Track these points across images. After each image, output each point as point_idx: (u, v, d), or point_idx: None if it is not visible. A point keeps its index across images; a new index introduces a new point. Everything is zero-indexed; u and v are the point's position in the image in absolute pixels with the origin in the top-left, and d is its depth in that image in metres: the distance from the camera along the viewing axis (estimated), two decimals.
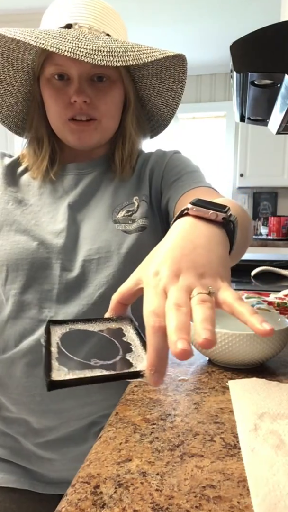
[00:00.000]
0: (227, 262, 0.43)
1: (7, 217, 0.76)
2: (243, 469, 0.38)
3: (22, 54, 0.75)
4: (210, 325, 0.33)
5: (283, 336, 0.60)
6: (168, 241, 0.43)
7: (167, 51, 0.71)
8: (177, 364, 0.63)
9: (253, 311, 0.35)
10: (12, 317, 0.75)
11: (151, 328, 0.35)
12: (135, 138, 0.82)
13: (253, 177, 3.92)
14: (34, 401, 0.73)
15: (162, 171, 0.82)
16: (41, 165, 0.80)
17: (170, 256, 0.40)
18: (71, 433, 0.75)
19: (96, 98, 0.73)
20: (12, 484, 0.77)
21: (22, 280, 0.74)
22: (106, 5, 0.76)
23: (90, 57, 0.63)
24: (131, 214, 0.77)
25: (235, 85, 0.73)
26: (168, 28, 3.38)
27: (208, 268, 0.40)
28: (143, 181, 0.82)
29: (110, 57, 0.64)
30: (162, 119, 0.88)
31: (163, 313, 0.35)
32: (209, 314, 0.34)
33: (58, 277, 0.73)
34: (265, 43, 0.62)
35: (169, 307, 0.35)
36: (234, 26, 3.29)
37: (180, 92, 0.82)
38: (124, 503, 0.33)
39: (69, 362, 0.38)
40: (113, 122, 0.78)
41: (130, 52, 0.67)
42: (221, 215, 0.45)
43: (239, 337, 0.58)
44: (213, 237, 0.44)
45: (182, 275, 0.38)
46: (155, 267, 0.40)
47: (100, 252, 0.73)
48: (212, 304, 0.36)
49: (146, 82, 0.81)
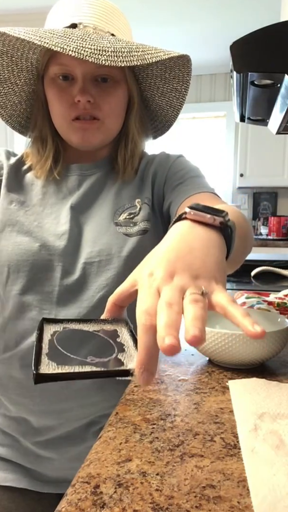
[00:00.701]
0: (223, 265, 0.43)
1: (10, 218, 0.76)
2: (243, 469, 0.38)
3: (27, 53, 0.75)
4: (200, 324, 0.33)
5: (283, 336, 0.60)
6: (164, 244, 0.43)
7: (172, 51, 0.70)
8: (177, 364, 0.63)
9: (246, 314, 0.35)
10: (12, 317, 0.75)
11: (143, 326, 0.35)
12: (138, 139, 0.82)
13: (253, 177, 3.92)
14: (34, 402, 0.74)
15: (166, 175, 0.82)
16: (44, 165, 0.79)
17: (165, 258, 0.40)
18: (70, 432, 0.76)
19: (100, 98, 0.73)
20: (10, 483, 0.77)
21: (23, 281, 0.74)
22: (111, 4, 0.76)
23: (95, 57, 0.63)
24: (133, 216, 0.77)
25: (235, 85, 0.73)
26: (168, 27, 3.38)
27: (203, 270, 0.40)
28: (145, 183, 0.81)
29: (114, 57, 0.64)
30: (165, 120, 0.87)
31: (155, 312, 0.35)
32: (200, 313, 0.34)
33: (59, 280, 0.73)
34: (265, 43, 0.62)
35: (161, 305, 0.35)
36: (234, 26, 3.29)
37: (184, 93, 0.81)
38: (124, 503, 0.33)
39: (59, 357, 0.38)
40: (116, 123, 0.78)
41: (135, 52, 0.67)
42: (218, 219, 0.45)
43: (239, 337, 0.58)
44: (209, 241, 0.44)
45: (176, 276, 0.38)
46: (150, 268, 0.40)
47: (101, 254, 0.73)
48: (205, 304, 0.36)
49: (150, 83, 0.81)
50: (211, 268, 0.41)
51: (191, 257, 0.41)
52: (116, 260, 0.73)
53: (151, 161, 0.84)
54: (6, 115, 0.83)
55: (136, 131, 0.81)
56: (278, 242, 3.63)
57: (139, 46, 0.68)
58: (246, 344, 0.58)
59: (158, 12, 3.10)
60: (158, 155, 0.86)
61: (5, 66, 0.76)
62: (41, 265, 0.73)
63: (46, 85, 0.76)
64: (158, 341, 0.33)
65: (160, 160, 0.84)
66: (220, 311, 0.37)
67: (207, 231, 0.45)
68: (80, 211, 0.77)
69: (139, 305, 0.37)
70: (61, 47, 0.62)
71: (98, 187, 0.80)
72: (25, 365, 0.74)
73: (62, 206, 0.78)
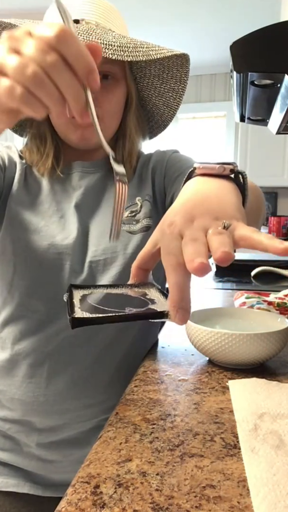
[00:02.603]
0: (241, 207, 0.43)
1: (18, 216, 0.76)
2: (243, 469, 0.38)
3: None
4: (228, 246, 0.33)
5: (283, 336, 0.60)
6: (180, 199, 0.43)
7: (174, 49, 0.71)
8: (177, 364, 0.63)
9: (270, 236, 0.35)
10: (16, 316, 0.75)
11: (170, 266, 0.35)
12: (135, 138, 0.82)
13: (253, 177, 3.89)
14: (38, 402, 0.73)
15: (164, 169, 0.82)
16: (46, 162, 0.79)
17: (183, 208, 0.41)
18: (75, 435, 0.75)
19: (101, 96, 0.73)
20: (12, 488, 0.76)
21: (29, 280, 0.73)
22: (110, 4, 0.77)
23: (102, 50, 0.63)
24: (134, 214, 0.78)
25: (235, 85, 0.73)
26: (168, 27, 3.38)
27: (223, 212, 0.40)
28: (145, 181, 0.82)
29: (120, 52, 0.65)
30: (162, 119, 0.88)
31: (179, 252, 0.35)
32: (226, 240, 0.34)
33: (66, 279, 0.73)
34: (265, 43, 0.62)
35: (186, 241, 0.35)
36: (234, 26, 3.28)
37: (182, 93, 0.82)
38: (124, 503, 0.33)
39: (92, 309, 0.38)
40: (115, 121, 0.78)
41: (140, 48, 0.67)
42: (228, 167, 0.46)
43: (239, 337, 0.58)
44: (224, 188, 0.44)
45: (196, 220, 0.39)
46: (170, 219, 0.40)
47: (106, 253, 0.74)
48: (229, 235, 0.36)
49: (148, 82, 0.81)
50: (230, 209, 0.41)
51: (208, 203, 0.41)
52: (121, 257, 0.74)
53: (148, 159, 0.85)
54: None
55: (133, 130, 0.81)
56: None
57: (143, 43, 0.70)
58: (246, 344, 0.58)
59: (158, 12, 3.10)
60: (154, 153, 0.87)
61: None
62: (49, 264, 0.73)
63: None
64: (188, 265, 0.33)
65: (156, 157, 0.85)
66: (244, 244, 0.37)
67: (219, 181, 0.45)
68: (84, 210, 0.77)
69: (164, 250, 0.37)
70: None
71: (99, 186, 0.80)
72: (29, 365, 0.74)
73: (67, 204, 0.78)
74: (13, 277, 0.74)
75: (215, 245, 0.34)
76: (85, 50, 0.40)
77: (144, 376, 0.58)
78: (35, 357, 0.73)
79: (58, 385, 0.73)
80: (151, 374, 0.59)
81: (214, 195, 0.42)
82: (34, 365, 0.73)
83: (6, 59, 0.39)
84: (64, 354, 0.73)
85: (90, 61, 0.40)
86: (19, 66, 0.38)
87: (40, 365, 0.73)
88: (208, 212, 0.39)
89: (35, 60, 0.38)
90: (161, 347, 0.71)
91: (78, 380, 0.74)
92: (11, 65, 0.38)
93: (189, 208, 0.40)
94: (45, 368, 0.73)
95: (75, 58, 0.39)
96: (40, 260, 0.73)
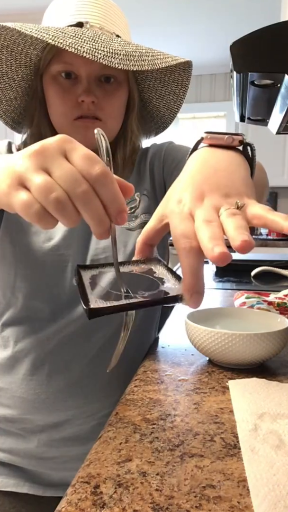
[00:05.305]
0: (251, 182, 0.42)
1: (17, 218, 0.75)
2: (243, 469, 0.38)
3: (27, 49, 0.74)
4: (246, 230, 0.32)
5: (283, 336, 0.60)
6: (187, 171, 0.42)
7: (178, 57, 0.71)
8: (177, 364, 0.63)
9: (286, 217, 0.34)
10: (20, 317, 0.75)
11: (183, 250, 0.34)
12: (136, 139, 0.83)
13: None
14: (39, 399, 0.74)
15: (162, 162, 0.83)
16: None
17: (191, 183, 0.39)
18: (76, 432, 0.76)
19: (103, 99, 0.73)
20: (11, 487, 0.76)
21: (31, 282, 0.73)
22: (112, 3, 0.76)
23: (108, 59, 0.63)
24: (133, 210, 0.78)
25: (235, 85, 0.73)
26: (168, 27, 3.38)
27: (232, 188, 0.39)
28: (143, 176, 0.82)
29: (126, 61, 0.65)
30: (162, 121, 0.88)
31: (193, 234, 0.34)
32: (241, 223, 0.33)
33: (69, 280, 0.73)
34: (265, 43, 0.62)
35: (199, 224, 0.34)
36: (234, 26, 3.29)
37: (182, 97, 0.82)
38: (124, 503, 0.33)
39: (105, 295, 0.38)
40: (117, 123, 0.78)
41: (145, 56, 0.67)
42: (237, 138, 0.45)
43: (239, 337, 0.58)
44: (233, 160, 0.43)
45: (206, 197, 0.38)
46: (177, 195, 0.39)
47: (106, 251, 0.74)
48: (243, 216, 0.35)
49: (149, 85, 0.81)
50: (240, 184, 0.40)
51: (217, 177, 0.40)
52: (121, 255, 0.74)
53: (145, 154, 0.85)
54: (0, 110, 0.82)
55: (135, 131, 0.82)
56: (278, 242, 3.62)
57: (149, 50, 0.69)
58: (246, 344, 0.58)
59: (158, 12, 3.10)
60: (151, 147, 0.87)
61: (3, 60, 0.75)
62: (50, 266, 0.73)
63: (46, 83, 0.75)
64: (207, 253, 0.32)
65: (153, 151, 0.85)
66: (258, 222, 0.36)
67: (228, 152, 0.44)
68: None
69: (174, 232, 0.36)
70: (75, 47, 0.62)
71: None
72: (30, 363, 0.74)
73: None
74: (15, 279, 0.74)
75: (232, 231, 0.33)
76: (119, 192, 0.36)
77: (144, 376, 0.58)
78: (36, 355, 0.73)
79: (59, 383, 0.73)
80: (151, 374, 0.59)
81: (223, 169, 0.41)
82: (35, 362, 0.74)
83: (32, 176, 0.35)
84: (65, 352, 0.74)
85: (122, 203, 0.36)
86: (45, 187, 0.34)
87: (41, 362, 0.74)
88: (218, 188, 0.38)
89: (63, 187, 0.34)
90: (161, 347, 0.71)
91: (79, 377, 0.74)
92: (36, 183, 0.34)
93: (197, 182, 0.39)
94: (46, 365, 0.74)
95: (109, 201, 0.35)
96: (41, 262, 0.72)
